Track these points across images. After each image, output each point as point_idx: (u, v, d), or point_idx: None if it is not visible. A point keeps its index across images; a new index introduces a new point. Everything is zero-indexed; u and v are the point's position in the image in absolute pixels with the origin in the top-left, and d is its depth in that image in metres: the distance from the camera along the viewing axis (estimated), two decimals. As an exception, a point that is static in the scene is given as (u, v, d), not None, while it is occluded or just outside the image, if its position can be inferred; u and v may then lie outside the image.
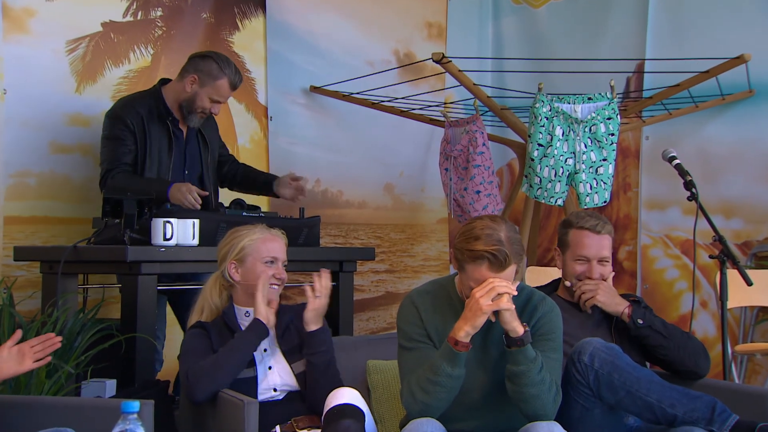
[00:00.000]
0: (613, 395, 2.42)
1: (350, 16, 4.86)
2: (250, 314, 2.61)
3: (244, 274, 2.63)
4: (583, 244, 2.82)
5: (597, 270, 2.79)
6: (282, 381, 2.56)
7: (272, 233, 2.69)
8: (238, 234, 2.67)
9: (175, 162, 3.48)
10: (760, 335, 4.32)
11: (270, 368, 2.57)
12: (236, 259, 2.63)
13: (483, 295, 2.21)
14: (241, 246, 2.63)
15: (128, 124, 3.37)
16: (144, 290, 2.88)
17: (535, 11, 5.49)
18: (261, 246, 2.63)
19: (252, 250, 2.62)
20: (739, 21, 4.56)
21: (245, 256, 2.62)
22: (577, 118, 3.86)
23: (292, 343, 2.62)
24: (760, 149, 4.46)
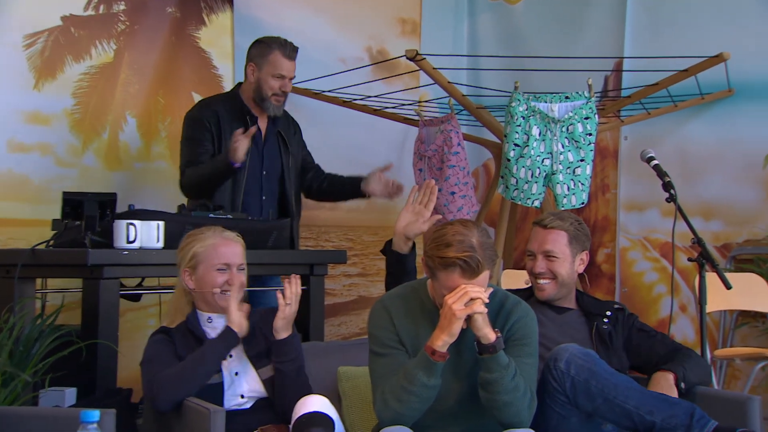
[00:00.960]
0: (591, 402, 2.43)
1: (321, 11, 4.85)
2: (212, 320, 2.61)
3: (198, 282, 2.62)
4: (530, 239, 2.87)
5: (541, 264, 2.82)
6: (249, 387, 2.55)
7: (225, 237, 2.65)
8: (190, 239, 2.66)
9: (252, 161, 3.54)
10: (739, 339, 4.38)
11: (236, 374, 2.55)
12: (189, 267, 2.62)
13: (455, 301, 2.22)
14: (192, 253, 2.61)
15: (205, 124, 3.49)
16: (106, 295, 2.85)
17: (511, 8, 5.52)
18: (212, 252, 2.61)
19: (204, 257, 2.60)
20: (718, 19, 4.62)
21: (197, 264, 2.61)
22: (554, 117, 3.89)
23: (259, 348, 2.61)
24: (739, 150, 4.51)
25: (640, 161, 3.26)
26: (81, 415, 1.85)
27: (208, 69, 4.36)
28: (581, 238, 2.87)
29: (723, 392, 3.43)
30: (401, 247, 2.82)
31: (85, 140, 3.90)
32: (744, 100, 4.54)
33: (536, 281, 2.85)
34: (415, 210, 2.85)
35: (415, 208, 2.85)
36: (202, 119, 3.52)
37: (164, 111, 4.19)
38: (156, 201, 3.89)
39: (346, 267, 4.79)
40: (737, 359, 3.82)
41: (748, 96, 4.52)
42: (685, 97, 4.59)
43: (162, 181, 4.16)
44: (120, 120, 4.03)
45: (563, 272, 2.83)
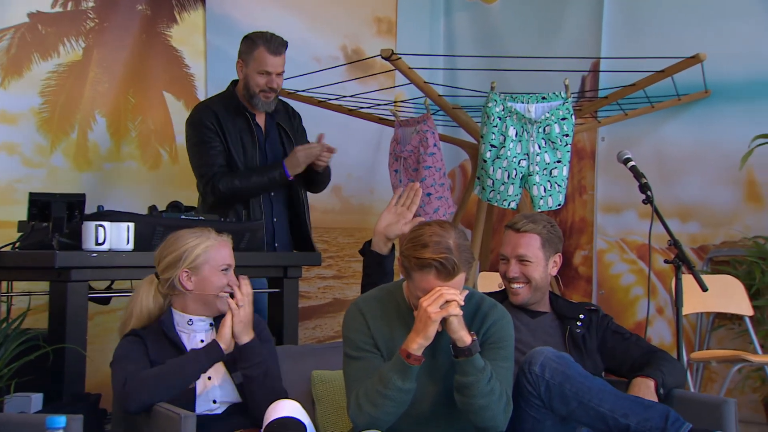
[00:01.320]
0: (565, 406, 2.44)
1: (295, 9, 4.85)
2: (193, 322, 2.58)
3: (199, 284, 2.56)
4: (503, 242, 2.88)
5: (515, 269, 2.82)
6: (222, 392, 2.53)
7: (222, 238, 2.64)
8: (187, 240, 2.59)
9: (254, 159, 3.57)
10: (716, 342, 4.41)
11: (209, 378, 2.53)
12: (190, 268, 2.55)
13: (430, 304, 2.22)
14: (196, 254, 2.56)
15: (208, 125, 3.51)
16: (74, 298, 2.83)
17: (488, 7, 5.55)
18: (216, 254, 2.58)
19: (208, 258, 2.56)
20: (695, 20, 4.66)
21: (201, 265, 2.55)
22: (531, 118, 3.90)
23: (232, 353, 2.59)
24: (716, 151, 4.56)
25: (618, 162, 3.28)
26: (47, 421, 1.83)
27: (179, 68, 4.34)
28: (554, 241, 2.87)
29: (699, 395, 3.46)
30: (381, 248, 2.83)
31: (53, 140, 3.87)
32: (721, 101, 4.59)
33: (510, 285, 2.86)
34: (397, 211, 2.86)
35: (397, 209, 2.86)
36: (204, 121, 3.53)
37: (134, 110, 4.16)
38: (126, 202, 3.88)
39: (321, 269, 4.79)
40: (713, 362, 3.85)
41: (724, 97, 4.57)
42: (662, 98, 4.63)
43: (132, 182, 4.14)
44: (89, 119, 4.00)
45: (537, 276, 2.83)
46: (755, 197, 4.46)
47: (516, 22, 5.41)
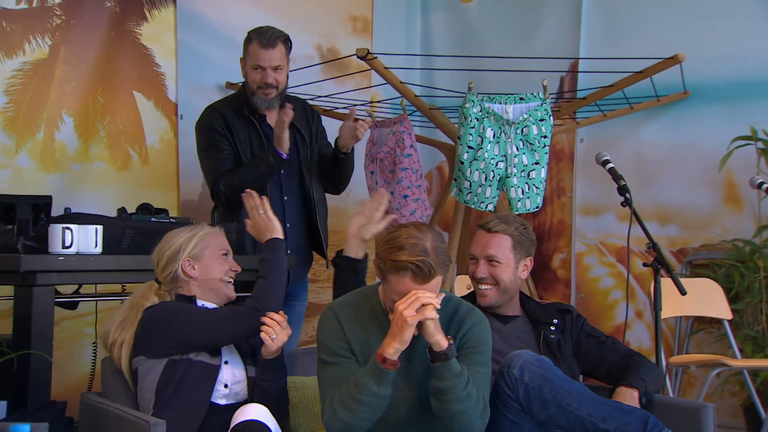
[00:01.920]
0: (544, 410, 2.45)
1: (269, 7, 4.83)
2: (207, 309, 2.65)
3: (202, 270, 2.66)
4: (473, 242, 2.90)
5: (483, 269, 2.81)
6: (234, 379, 2.58)
7: (216, 229, 2.77)
8: (182, 233, 2.69)
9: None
10: (695, 346, 4.45)
11: (226, 362, 2.59)
12: (191, 256, 2.65)
13: (406, 307, 2.23)
14: (195, 242, 2.67)
15: (217, 129, 3.49)
16: (39, 303, 2.80)
17: (465, 6, 5.57)
18: (213, 240, 2.70)
19: (207, 244, 2.68)
20: (673, 21, 4.70)
21: (201, 251, 2.66)
22: (509, 119, 3.92)
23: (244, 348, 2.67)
24: (696, 153, 4.60)
25: (596, 164, 3.31)
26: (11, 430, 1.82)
27: (150, 67, 4.32)
28: (526, 244, 2.86)
29: (677, 400, 3.49)
30: (356, 252, 2.84)
31: (18, 140, 3.84)
32: (700, 102, 4.63)
33: (477, 286, 2.85)
34: (366, 213, 2.87)
35: (365, 211, 2.87)
36: (212, 124, 3.52)
37: (103, 110, 4.14)
38: (95, 204, 3.85)
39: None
40: (692, 366, 3.88)
41: (703, 99, 4.61)
42: (641, 99, 4.67)
43: (101, 184, 4.11)
44: (56, 119, 3.97)
45: (505, 278, 2.82)
46: (734, 200, 4.50)
47: (494, 21, 5.43)
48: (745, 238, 4.29)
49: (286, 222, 3.52)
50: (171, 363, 2.50)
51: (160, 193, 4.30)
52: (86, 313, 3.67)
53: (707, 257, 4.49)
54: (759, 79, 4.43)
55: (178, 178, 4.41)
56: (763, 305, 4.07)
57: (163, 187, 4.37)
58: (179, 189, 4.42)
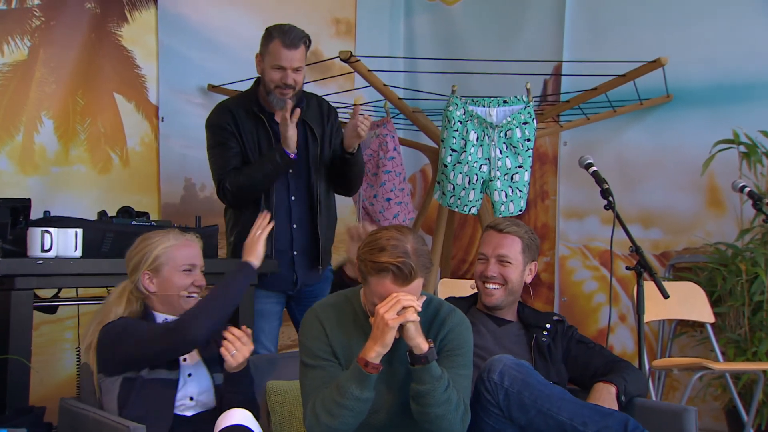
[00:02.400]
0: (524, 414, 2.46)
1: (251, 9, 4.83)
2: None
3: (161, 285, 2.60)
4: (484, 242, 2.93)
5: (494, 268, 2.87)
6: (199, 390, 2.56)
7: (187, 238, 2.67)
8: (150, 242, 2.63)
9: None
10: (678, 349, 4.48)
11: (189, 375, 2.56)
12: (150, 270, 2.59)
13: (387, 310, 2.23)
14: (155, 255, 2.60)
15: (225, 127, 3.42)
16: (18, 307, 2.79)
17: (448, 8, 5.58)
18: (177, 253, 2.62)
19: (167, 258, 2.60)
20: (656, 24, 4.73)
21: (160, 266, 2.60)
22: (492, 122, 3.93)
23: (211, 351, 2.62)
24: (679, 157, 4.63)
25: (580, 167, 3.33)
26: (-12, 436, 1.80)
27: (130, 69, 4.31)
28: (533, 248, 2.94)
29: (659, 403, 3.50)
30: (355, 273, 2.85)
31: (-4, 142, 3.82)
32: (682, 106, 4.66)
33: (485, 286, 2.89)
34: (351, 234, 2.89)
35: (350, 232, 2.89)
36: (221, 123, 3.46)
37: (83, 112, 4.12)
38: (75, 207, 3.84)
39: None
40: (675, 369, 3.91)
41: (686, 102, 4.64)
42: (624, 103, 4.70)
43: (81, 187, 4.10)
44: (35, 121, 3.95)
45: (514, 278, 2.88)
46: (717, 203, 4.54)
47: (477, 24, 5.44)
48: (728, 241, 4.31)
49: (292, 222, 3.49)
50: (125, 381, 2.48)
51: (141, 196, 4.29)
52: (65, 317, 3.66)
53: (690, 260, 4.52)
54: (741, 82, 4.47)
55: (159, 181, 4.40)
56: (745, 308, 4.10)
57: (144, 190, 4.36)
58: (160, 192, 4.41)
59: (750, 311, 4.09)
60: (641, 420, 2.49)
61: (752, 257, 4.11)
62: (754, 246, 4.16)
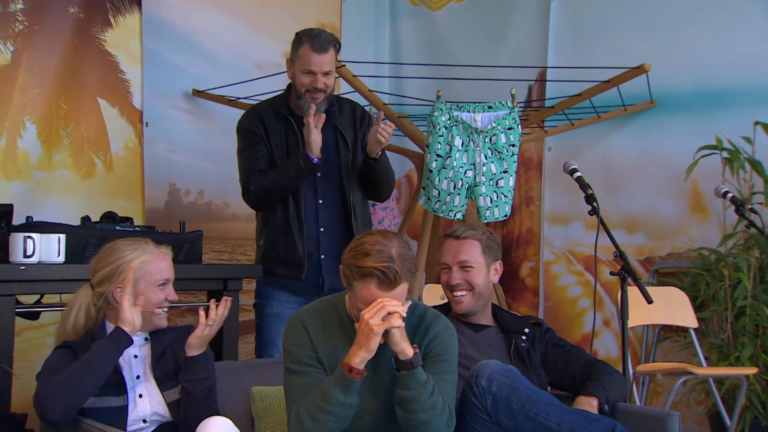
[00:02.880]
0: (512, 420, 2.46)
1: (236, 14, 4.83)
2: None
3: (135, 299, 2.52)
4: (443, 251, 2.95)
5: (457, 276, 2.88)
6: (152, 410, 2.51)
7: (161, 251, 2.61)
8: (123, 253, 2.55)
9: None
10: (662, 354, 4.49)
11: (140, 396, 2.51)
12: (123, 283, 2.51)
13: (372, 316, 2.23)
14: (130, 269, 2.52)
15: (254, 130, 3.42)
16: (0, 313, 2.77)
17: (434, 14, 5.60)
18: (152, 268, 2.55)
19: (144, 273, 2.53)
20: (640, 30, 4.76)
21: (136, 281, 2.52)
22: (477, 127, 3.94)
23: (167, 369, 2.58)
24: (663, 162, 4.65)
25: (564, 173, 3.34)
26: (-31, 443, 1.79)
27: (115, 73, 4.29)
28: (494, 248, 2.95)
29: (644, 408, 3.52)
30: None
31: (-21, 147, 3.80)
32: (666, 112, 4.68)
33: (452, 294, 2.90)
34: None
35: None
36: (250, 126, 3.45)
37: (67, 117, 4.10)
38: (58, 213, 3.82)
39: (262, 282, 4.75)
40: (659, 374, 3.92)
41: (670, 108, 4.67)
42: (608, 109, 4.72)
43: (65, 192, 4.07)
44: (18, 126, 3.93)
45: (479, 282, 2.89)
46: (700, 209, 4.56)
47: (462, 30, 5.46)
48: (711, 246, 4.34)
49: (320, 226, 3.47)
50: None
51: (125, 202, 4.28)
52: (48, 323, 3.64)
53: (674, 266, 4.54)
54: (723, 89, 4.50)
55: (143, 186, 4.39)
56: (728, 314, 4.12)
57: (128, 196, 4.34)
58: (144, 197, 4.39)
59: (733, 316, 4.12)
60: (626, 425, 2.50)
61: (735, 262, 4.14)
62: (737, 251, 4.18)
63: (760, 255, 4.12)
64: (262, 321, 3.53)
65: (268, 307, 3.50)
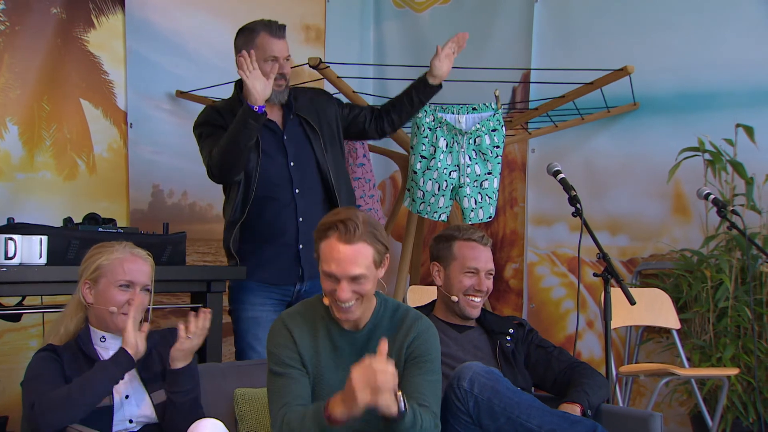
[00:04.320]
0: (494, 422, 2.46)
1: (221, 15, 4.81)
2: (105, 339, 2.54)
3: (97, 297, 2.54)
4: (473, 256, 2.92)
5: (485, 283, 2.91)
6: (139, 412, 2.50)
7: (134, 253, 2.58)
8: (96, 251, 2.58)
9: (274, 154, 3.38)
10: (645, 355, 4.51)
11: (127, 397, 2.50)
12: (90, 279, 2.54)
13: (362, 388, 2.10)
14: (96, 265, 2.53)
15: (210, 122, 3.36)
16: (-20, 315, 2.76)
17: (418, 15, 5.60)
18: (117, 267, 2.53)
19: (106, 271, 2.53)
20: (623, 32, 4.78)
21: (98, 277, 2.53)
22: (461, 129, 3.95)
23: (154, 370, 2.57)
24: (645, 164, 4.67)
25: (548, 174, 3.35)
26: (-51, 447, 1.77)
27: (98, 74, 4.27)
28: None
29: (626, 409, 3.54)
30: None
31: (-40, 149, 3.77)
32: (649, 114, 4.71)
33: (472, 299, 2.91)
34: None
35: None
36: (206, 119, 3.40)
37: (49, 118, 4.08)
38: (40, 214, 3.80)
39: (246, 283, 4.74)
40: (642, 375, 3.94)
41: (652, 110, 4.69)
42: (592, 111, 4.73)
43: (47, 193, 4.05)
44: (0, 127, 3.90)
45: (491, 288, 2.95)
46: (682, 210, 4.58)
47: (446, 31, 5.42)
48: (693, 248, 4.36)
49: (298, 216, 3.40)
50: None
51: (109, 203, 4.26)
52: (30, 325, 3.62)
53: (656, 267, 4.56)
54: (705, 91, 4.53)
55: (128, 188, 4.36)
56: (710, 315, 4.14)
57: (112, 197, 4.32)
58: (129, 199, 4.37)
59: (715, 317, 4.14)
60: (608, 426, 2.51)
61: (717, 264, 4.16)
62: (719, 253, 4.20)
63: (741, 256, 4.14)
64: (238, 326, 3.49)
65: (243, 312, 3.46)
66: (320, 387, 2.40)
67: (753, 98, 4.39)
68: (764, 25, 4.42)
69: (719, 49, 4.51)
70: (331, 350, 2.34)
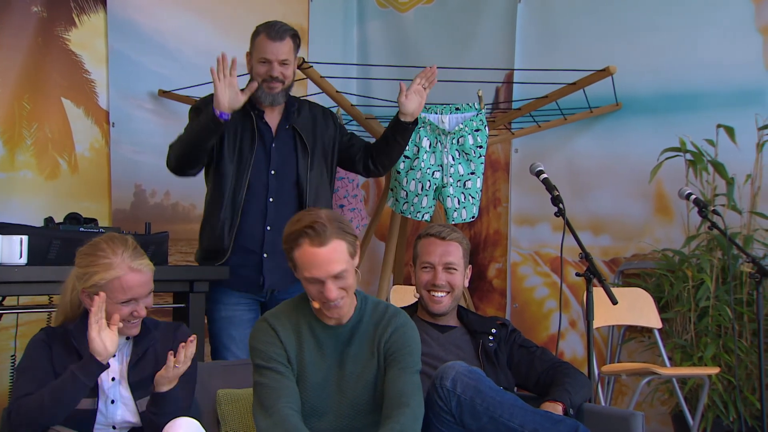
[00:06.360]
0: (476, 421, 2.47)
1: (203, 15, 4.80)
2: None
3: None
4: (427, 251, 2.94)
5: (442, 276, 2.90)
6: (122, 418, 2.48)
7: (133, 268, 2.46)
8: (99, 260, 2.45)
9: (258, 158, 3.37)
10: (627, 355, 4.54)
11: (113, 402, 2.48)
12: (90, 290, 2.45)
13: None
14: (93, 283, 2.44)
15: (198, 112, 3.33)
16: (-40, 316, 2.74)
17: (401, 15, 5.60)
18: (117, 288, 2.43)
19: (105, 289, 2.43)
20: (606, 33, 4.80)
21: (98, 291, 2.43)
22: (445, 129, 3.95)
23: (144, 374, 2.52)
24: (628, 164, 4.69)
25: (531, 174, 3.36)
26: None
27: (79, 73, 4.24)
28: (468, 252, 3.00)
29: (608, 408, 3.55)
30: None
31: (-61, 148, 3.74)
32: (631, 114, 4.73)
33: (431, 295, 2.91)
34: None
35: None
36: (198, 108, 3.38)
37: (30, 117, 4.05)
38: (21, 214, 3.77)
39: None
40: (623, 375, 3.96)
41: (634, 111, 4.72)
42: (575, 111, 4.75)
43: (28, 193, 4.02)
44: (-21, 126, 3.88)
45: (459, 284, 2.93)
46: (664, 210, 4.61)
47: (430, 31, 5.47)
48: (675, 248, 4.38)
49: (266, 224, 3.39)
50: None
51: (90, 203, 4.23)
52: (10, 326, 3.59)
53: (638, 267, 4.58)
54: (687, 92, 4.56)
55: (110, 187, 4.34)
56: (691, 314, 4.17)
57: (94, 197, 4.29)
58: (111, 198, 4.35)
59: (696, 317, 4.17)
60: (590, 425, 2.52)
61: (698, 263, 4.19)
62: (700, 252, 4.23)
63: (722, 256, 4.17)
64: (213, 326, 3.48)
65: (216, 312, 3.45)
66: (304, 383, 2.41)
67: (734, 99, 4.42)
68: (745, 27, 4.45)
69: (701, 51, 4.54)
70: (314, 346, 2.36)
